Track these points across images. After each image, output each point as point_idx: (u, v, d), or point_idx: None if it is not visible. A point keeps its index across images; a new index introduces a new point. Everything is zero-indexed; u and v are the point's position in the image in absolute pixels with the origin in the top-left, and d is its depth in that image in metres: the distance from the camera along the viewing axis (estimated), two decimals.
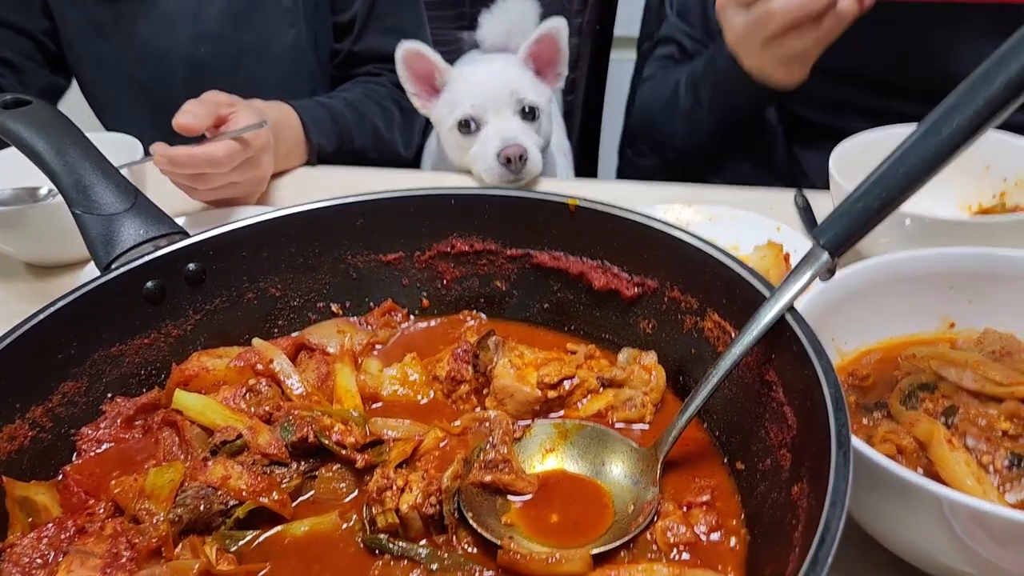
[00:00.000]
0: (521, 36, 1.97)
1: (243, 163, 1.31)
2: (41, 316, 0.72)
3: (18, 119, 0.89)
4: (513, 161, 1.43)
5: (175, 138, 1.28)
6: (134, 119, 1.79)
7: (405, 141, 1.78)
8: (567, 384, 0.77)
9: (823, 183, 1.52)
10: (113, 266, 0.80)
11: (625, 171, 2.44)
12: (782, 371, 0.64)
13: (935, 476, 0.65)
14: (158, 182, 1.34)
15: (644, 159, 2.27)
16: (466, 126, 1.51)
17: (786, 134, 1.67)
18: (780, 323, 0.64)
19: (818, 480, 0.53)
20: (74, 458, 0.74)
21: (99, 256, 0.82)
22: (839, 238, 0.63)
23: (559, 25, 1.57)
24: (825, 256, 0.64)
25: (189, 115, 1.25)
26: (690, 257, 0.75)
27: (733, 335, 0.71)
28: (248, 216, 0.87)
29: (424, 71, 1.53)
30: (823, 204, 1.19)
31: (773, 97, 1.45)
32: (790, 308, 0.64)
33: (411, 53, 1.50)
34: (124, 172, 1.20)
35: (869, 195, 0.63)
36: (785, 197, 1.24)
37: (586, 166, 2.44)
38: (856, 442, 0.57)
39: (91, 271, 1.10)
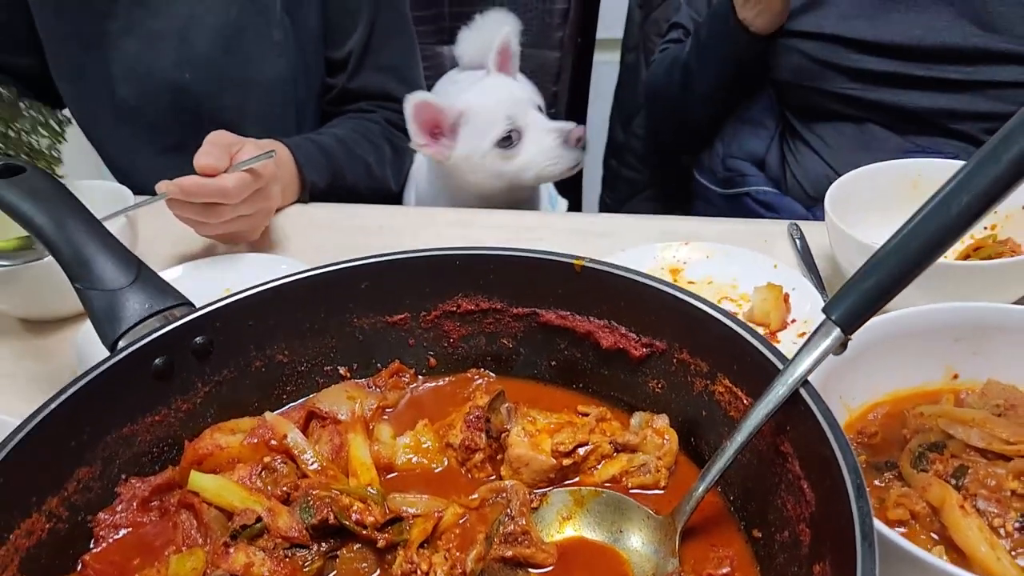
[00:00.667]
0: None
1: (253, 194, 1.31)
2: (53, 405, 0.71)
3: (13, 188, 0.88)
4: (582, 139, 1.56)
5: (163, 159, 1.28)
6: (121, 139, 1.78)
7: (395, 178, 1.78)
8: (581, 451, 0.77)
9: (810, 184, 1.59)
10: (120, 343, 0.80)
11: (610, 182, 2.46)
12: (797, 444, 0.65)
13: (948, 540, 0.67)
14: (151, 227, 1.33)
15: (630, 171, 2.29)
16: (507, 140, 1.57)
17: (779, 126, 1.72)
18: (794, 396, 0.64)
19: (842, 567, 0.54)
20: (92, 545, 0.73)
21: (105, 333, 0.81)
22: (852, 315, 0.64)
23: (511, 32, 1.67)
24: (837, 331, 0.64)
25: (209, 156, 1.25)
26: (699, 321, 0.76)
27: (745, 401, 0.72)
28: (247, 275, 0.87)
29: (429, 119, 1.56)
30: (816, 235, 1.21)
31: (757, 46, 1.64)
32: (804, 382, 0.64)
33: (420, 104, 1.52)
34: (121, 220, 1.20)
35: (880, 271, 0.63)
36: (779, 230, 1.25)
37: (570, 180, 2.44)
38: (876, 523, 0.58)
39: (90, 328, 1.10)
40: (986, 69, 1.41)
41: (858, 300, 0.64)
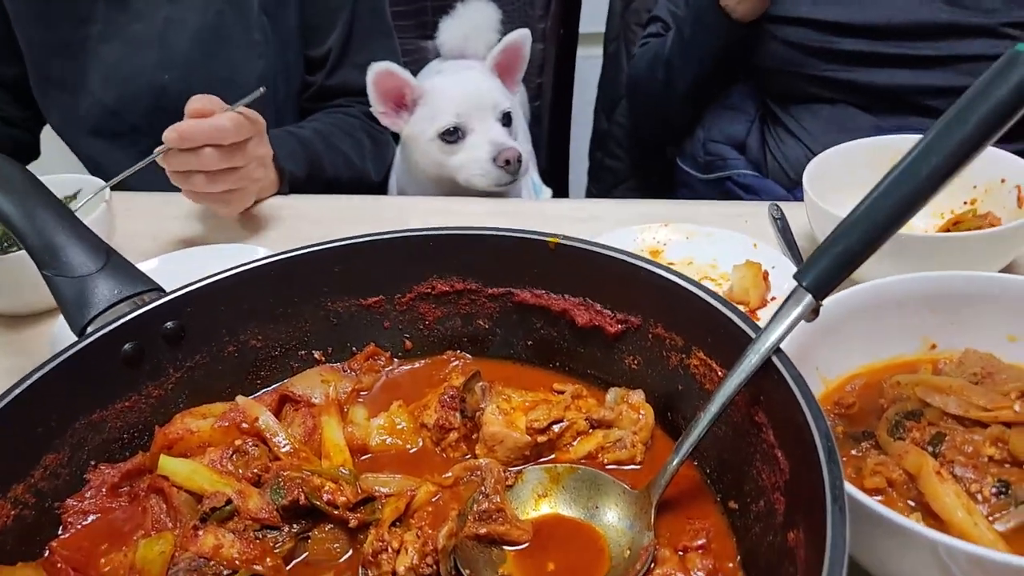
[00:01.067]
0: (479, 41, 2.00)
1: (246, 143, 1.30)
2: (17, 391, 0.70)
3: None
4: (512, 163, 1.51)
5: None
6: (100, 142, 1.78)
7: (377, 169, 1.78)
8: (556, 427, 0.76)
9: (790, 166, 1.59)
10: (88, 329, 0.78)
11: (596, 172, 2.46)
12: (771, 413, 0.64)
13: (926, 507, 0.66)
14: (128, 224, 1.31)
15: (614, 160, 2.29)
16: (451, 134, 1.55)
17: (759, 110, 1.72)
18: (767, 364, 0.64)
19: (814, 531, 0.54)
20: (60, 532, 0.72)
21: (73, 319, 0.80)
22: (822, 280, 0.63)
23: (525, 35, 1.62)
24: (808, 298, 0.64)
25: (201, 101, 1.27)
26: (673, 294, 0.75)
27: (720, 373, 0.72)
28: (223, 265, 0.85)
29: (393, 88, 1.55)
30: (796, 216, 1.21)
31: (739, 32, 1.63)
32: (776, 350, 0.64)
33: (381, 73, 1.51)
34: (98, 210, 1.19)
35: (850, 236, 0.63)
36: (760, 211, 1.25)
37: (556, 170, 2.44)
38: (851, 489, 0.57)
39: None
40: (955, 44, 1.43)
41: (828, 265, 0.63)
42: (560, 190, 2.35)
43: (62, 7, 1.66)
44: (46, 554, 0.70)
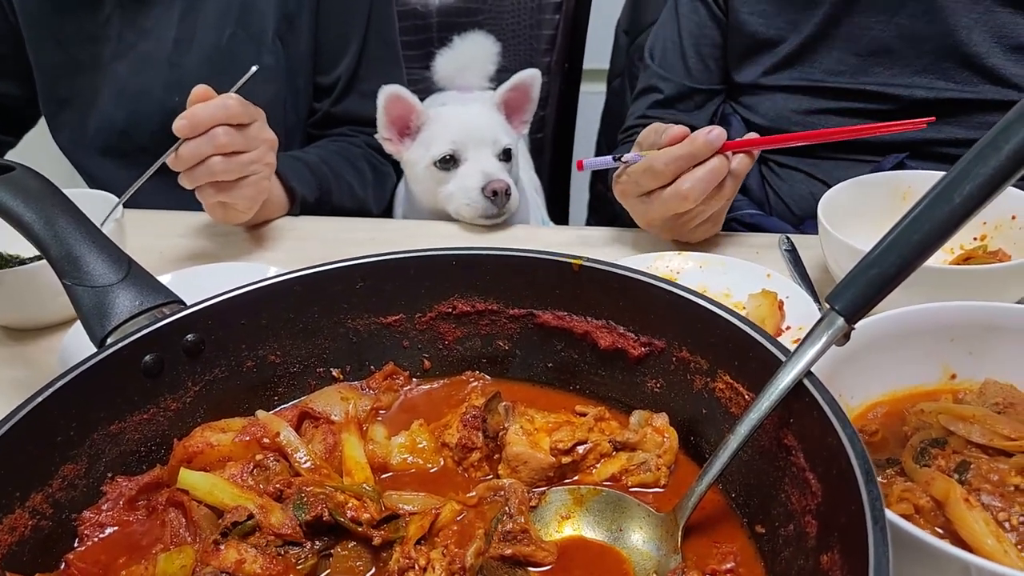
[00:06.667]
0: (475, 74, 2.01)
1: (251, 126, 1.31)
2: (39, 399, 0.69)
3: (2, 186, 0.87)
4: (499, 195, 1.48)
5: (150, 181, 1.28)
6: (108, 162, 1.77)
7: (377, 200, 1.79)
8: (580, 449, 0.76)
9: (795, 202, 1.57)
10: (108, 340, 0.78)
11: (596, 204, 2.47)
12: (802, 436, 0.64)
13: (953, 534, 0.66)
14: (140, 239, 1.31)
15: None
16: (445, 162, 1.55)
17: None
18: (798, 387, 0.64)
19: (852, 554, 0.53)
20: (76, 544, 0.71)
21: (93, 329, 0.79)
22: (855, 304, 0.64)
23: (534, 75, 1.62)
24: (840, 321, 0.64)
25: (201, 88, 1.29)
26: (698, 317, 0.75)
27: (747, 397, 0.72)
28: (235, 282, 0.85)
29: (401, 114, 1.56)
30: (806, 250, 1.22)
31: None
32: (808, 373, 0.64)
33: (391, 96, 1.52)
34: (109, 225, 1.19)
35: (884, 261, 0.63)
36: (770, 242, 1.26)
37: (558, 203, 2.46)
38: (888, 514, 0.57)
39: (75, 333, 1.07)
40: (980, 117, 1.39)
41: (861, 289, 0.64)
42: (561, 221, 2.36)
43: (76, 27, 1.67)
44: (62, 567, 0.69)
